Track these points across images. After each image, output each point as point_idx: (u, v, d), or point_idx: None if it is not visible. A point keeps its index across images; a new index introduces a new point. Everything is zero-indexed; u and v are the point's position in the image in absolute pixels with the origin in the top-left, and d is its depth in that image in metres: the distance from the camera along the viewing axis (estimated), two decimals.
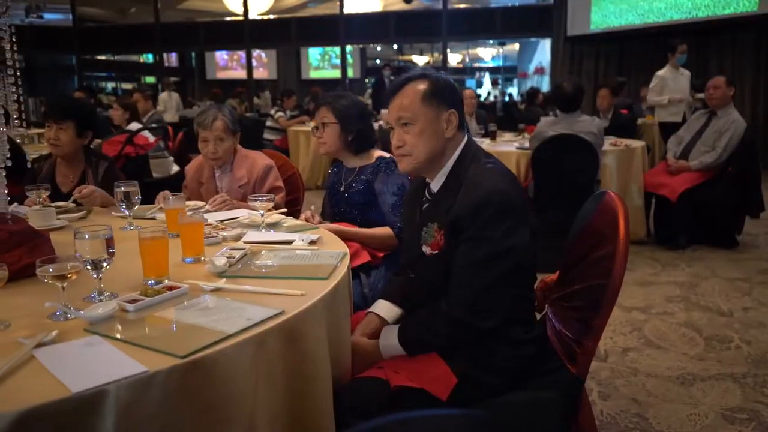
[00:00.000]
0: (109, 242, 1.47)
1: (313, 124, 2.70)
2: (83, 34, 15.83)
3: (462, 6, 15.51)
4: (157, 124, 5.62)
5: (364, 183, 2.48)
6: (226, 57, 21.34)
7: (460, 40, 19.30)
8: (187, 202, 2.67)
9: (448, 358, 1.65)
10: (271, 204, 2.19)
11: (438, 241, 1.69)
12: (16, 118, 1.92)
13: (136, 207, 2.27)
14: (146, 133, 4.88)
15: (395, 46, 22.91)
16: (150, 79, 20.41)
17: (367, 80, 21.54)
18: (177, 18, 16.81)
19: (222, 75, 21.21)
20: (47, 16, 17.06)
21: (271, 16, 15.37)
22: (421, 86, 1.73)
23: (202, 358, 1.17)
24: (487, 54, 25.45)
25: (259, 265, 1.75)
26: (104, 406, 1.04)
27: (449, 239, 1.67)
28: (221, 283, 1.57)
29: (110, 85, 22.30)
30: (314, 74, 21.03)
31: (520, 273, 1.70)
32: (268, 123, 8.78)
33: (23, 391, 1.04)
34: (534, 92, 9.54)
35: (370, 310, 1.92)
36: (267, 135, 8.67)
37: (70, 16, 15.70)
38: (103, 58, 19.28)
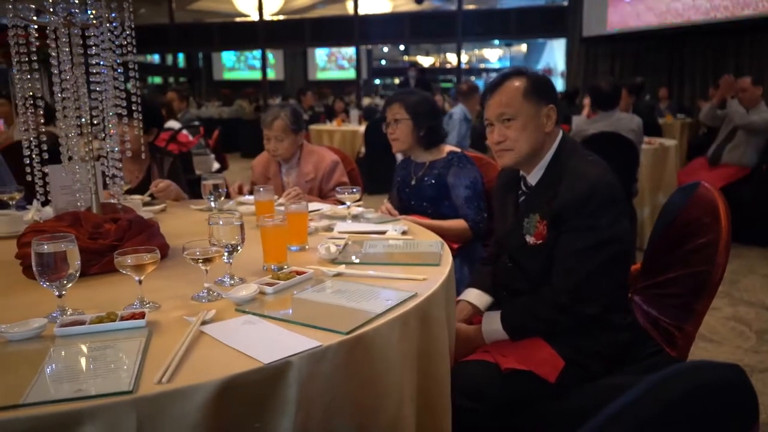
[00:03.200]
0: (242, 229, 1.54)
1: (331, 124, 2.76)
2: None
3: (477, 7, 15.57)
4: (194, 123, 5.69)
5: (436, 177, 2.54)
6: (233, 58, 21.41)
7: (475, 41, 19.36)
8: (251, 197, 2.75)
9: (553, 343, 1.71)
10: (358, 196, 2.26)
11: (541, 231, 1.75)
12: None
13: (222, 199, 2.34)
14: (185, 131, 4.94)
15: (401, 47, 22.99)
16: (156, 80, 20.44)
17: (376, 81, 21.62)
18: (186, 19, 16.87)
19: (229, 76, 21.29)
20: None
21: (281, 17, 15.44)
22: (521, 83, 1.80)
23: (362, 335, 1.23)
24: (494, 55, 25.50)
25: (369, 253, 1.82)
26: (289, 376, 1.11)
27: (551, 229, 1.73)
28: (341, 268, 1.64)
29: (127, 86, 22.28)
30: (321, 75, 21.11)
31: (620, 261, 1.76)
32: None
33: (214, 363, 1.10)
34: (574, 92, 9.50)
35: (461, 298, 1.99)
36: None
37: None
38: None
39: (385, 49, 23.61)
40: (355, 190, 2.29)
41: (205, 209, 2.50)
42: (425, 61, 23.98)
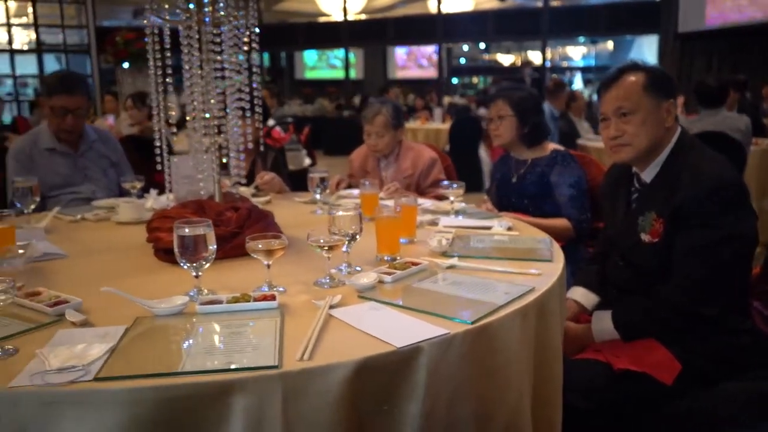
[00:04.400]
0: (360, 218, 1.59)
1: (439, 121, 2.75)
2: None
3: (563, 4, 15.20)
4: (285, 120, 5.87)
5: (539, 175, 2.52)
6: (315, 57, 21.85)
7: (560, 39, 18.88)
8: (349, 191, 2.81)
9: (668, 344, 1.67)
10: (462, 192, 2.28)
11: (657, 229, 1.71)
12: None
13: (327, 192, 2.41)
14: (278, 128, 5.11)
15: (482, 45, 22.74)
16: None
17: (454, 80, 21.49)
18: (271, 20, 17.35)
19: (311, 75, 21.74)
20: (153, 18, 18.03)
21: (364, 17, 15.62)
22: (640, 77, 1.76)
23: (487, 325, 1.25)
24: (578, 53, 24.79)
25: (477, 247, 1.83)
26: (419, 360, 1.14)
27: (669, 227, 1.69)
28: (454, 261, 1.66)
29: None
30: (401, 74, 21.20)
31: (742, 262, 1.69)
32: None
33: (348, 344, 1.15)
34: None
35: (567, 296, 1.96)
36: None
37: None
38: None
39: (465, 48, 23.41)
40: (456, 185, 2.30)
41: (309, 201, 2.59)
42: (506, 59, 23.61)
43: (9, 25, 13.13)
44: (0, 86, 13.66)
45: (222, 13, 1.76)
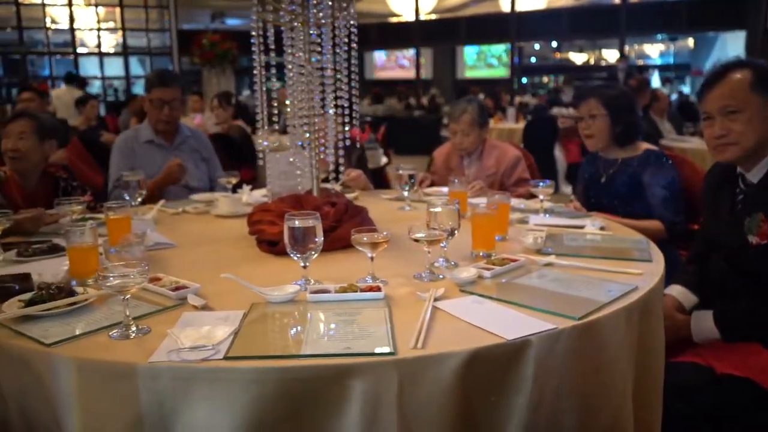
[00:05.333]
0: (459, 214, 1.61)
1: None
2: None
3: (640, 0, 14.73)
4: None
5: (630, 175, 2.47)
6: (384, 57, 21.99)
7: (639, 36, 18.25)
8: (434, 189, 2.84)
9: None
10: (551, 190, 2.26)
11: (766, 231, 1.66)
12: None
13: (414, 189, 2.45)
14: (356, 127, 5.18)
15: (554, 44, 22.27)
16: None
17: (523, 80, 21.14)
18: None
19: (380, 75, 21.89)
20: (229, 21, 18.62)
21: (434, 16, 15.60)
22: (746, 74, 1.71)
23: (594, 322, 1.25)
24: (655, 50, 23.89)
25: (573, 245, 1.82)
26: (527, 353, 1.15)
27: None
28: (551, 258, 1.66)
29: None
30: (470, 73, 21.04)
31: None
32: (446, 120, 8.95)
33: (457, 335, 1.18)
34: None
35: (665, 292, 1.92)
36: (445, 132, 8.85)
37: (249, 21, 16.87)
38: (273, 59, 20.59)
39: (536, 47, 22.98)
40: (543, 183, 2.29)
41: (395, 198, 2.63)
42: (578, 58, 23.03)
43: (99, 30, 13.88)
44: (88, 87, 14.47)
45: (322, 14, 1.82)
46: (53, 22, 13.69)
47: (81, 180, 2.81)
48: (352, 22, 1.87)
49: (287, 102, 1.91)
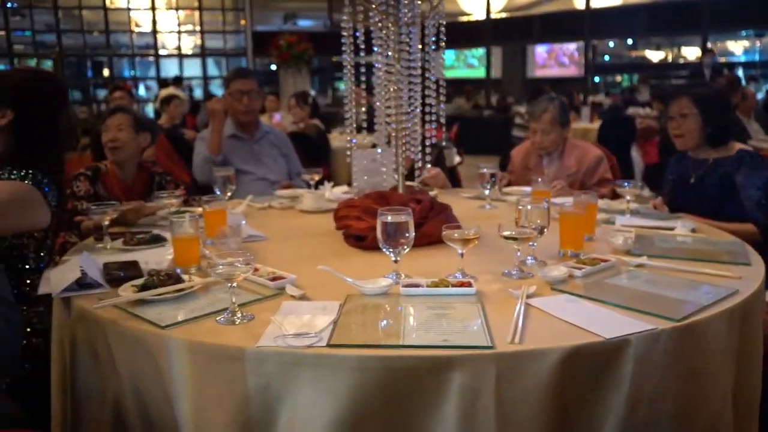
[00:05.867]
0: (548, 213, 1.61)
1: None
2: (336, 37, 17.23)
3: None
4: None
5: (722, 176, 2.38)
6: (452, 56, 21.86)
7: (723, 32, 17.43)
8: (515, 188, 2.82)
9: None
10: (638, 191, 2.22)
11: None
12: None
13: (496, 187, 2.45)
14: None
15: (629, 41, 21.54)
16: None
17: (596, 79, 20.55)
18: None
19: (449, 74, 21.76)
20: (300, 23, 18.98)
21: (504, 15, 15.39)
22: None
23: (694, 324, 1.23)
24: (739, 47, 22.73)
25: (664, 247, 1.78)
26: (626, 353, 1.15)
27: None
28: (643, 259, 1.63)
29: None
30: (540, 72, 20.64)
31: None
32: (517, 120, 8.84)
33: (554, 332, 1.19)
34: None
35: None
36: (515, 132, 8.74)
37: (320, 22, 17.10)
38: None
39: (611, 44, 22.29)
40: (628, 184, 2.25)
41: (475, 197, 2.64)
42: (655, 55, 22.19)
43: (179, 32, 14.47)
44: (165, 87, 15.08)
45: (411, 13, 1.85)
46: (136, 25, 14.38)
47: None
48: (441, 22, 1.89)
49: (361, 101, 1.95)
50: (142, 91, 15.31)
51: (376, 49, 1.91)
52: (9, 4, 13.36)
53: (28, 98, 1.86)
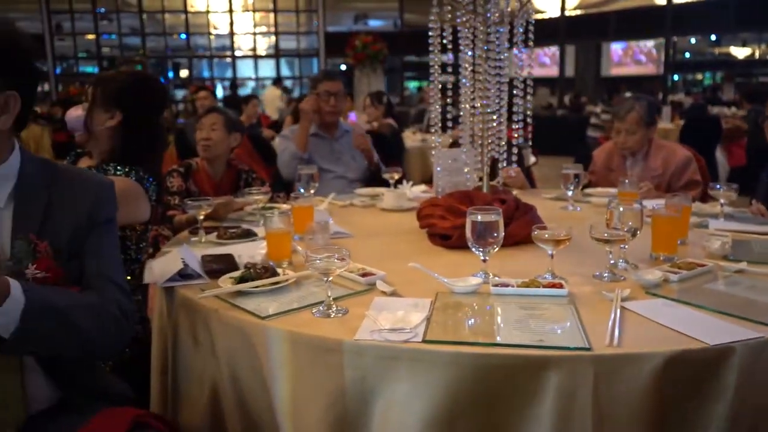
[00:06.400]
0: (641, 214, 1.57)
1: None
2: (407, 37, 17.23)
3: None
4: None
5: None
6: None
7: None
8: (599, 189, 2.76)
9: None
10: (733, 194, 2.13)
11: None
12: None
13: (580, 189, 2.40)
14: None
15: (713, 37, 20.54)
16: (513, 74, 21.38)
17: (675, 77, 19.71)
18: None
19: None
20: (371, 23, 19.13)
21: (579, 12, 15.00)
22: None
23: None
24: None
25: (765, 252, 1.71)
26: (731, 361, 1.11)
27: None
28: (743, 265, 1.57)
29: (413, 84, 24.14)
30: (615, 70, 19.99)
31: None
32: (593, 120, 8.61)
33: (652, 337, 1.16)
34: None
35: None
36: (590, 132, 8.51)
37: (391, 22, 17.15)
38: (414, 59, 20.76)
39: (693, 41, 21.34)
40: (724, 187, 2.16)
41: (556, 198, 2.60)
42: (741, 52, 21.09)
43: (254, 34, 14.91)
44: (242, 87, 15.56)
45: (498, 12, 1.84)
46: (214, 28, 14.91)
47: None
48: (529, 20, 1.88)
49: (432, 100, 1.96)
50: (219, 91, 15.89)
51: (463, 48, 1.92)
52: (99, 10, 14.13)
53: (134, 100, 1.97)
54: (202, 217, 1.97)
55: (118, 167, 1.93)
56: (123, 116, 1.97)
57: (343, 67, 13.54)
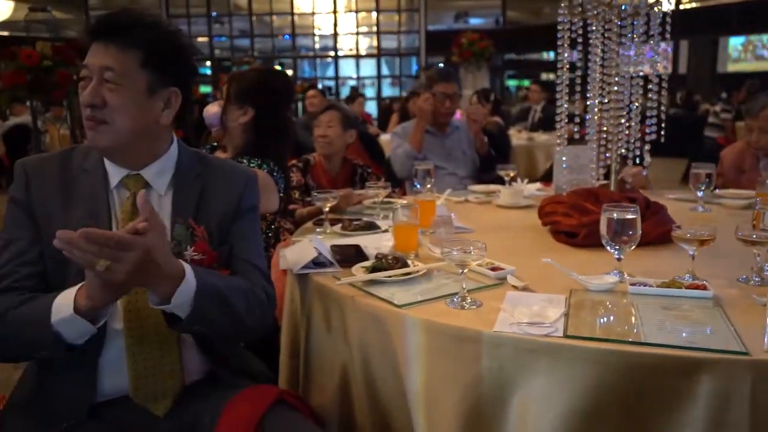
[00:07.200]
0: None
1: None
2: (508, 34, 16.95)
3: None
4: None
5: None
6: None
7: None
8: (732, 191, 2.60)
9: None
10: None
11: None
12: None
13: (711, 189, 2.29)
14: None
15: None
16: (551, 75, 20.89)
17: None
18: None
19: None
20: (471, 20, 18.95)
21: (696, 5, 14.14)
22: None
23: None
24: None
25: None
26: None
27: None
28: None
29: (512, 82, 23.65)
30: (733, 67, 18.69)
31: None
32: (711, 119, 8.11)
33: None
34: None
35: None
36: (708, 132, 8.02)
37: (491, 20, 16.92)
38: (514, 57, 20.35)
39: None
40: None
41: (684, 199, 2.48)
42: None
43: (357, 34, 15.21)
44: (342, 86, 15.92)
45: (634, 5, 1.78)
46: (318, 29, 15.35)
47: None
48: (668, 12, 1.81)
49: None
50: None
51: (593, 43, 1.87)
52: (213, 14, 14.93)
53: (265, 96, 2.07)
54: (327, 209, 2.04)
55: (252, 160, 2.04)
56: (255, 112, 2.08)
57: (441, 66, 13.57)
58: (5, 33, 14.39)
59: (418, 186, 2.49)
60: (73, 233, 0.98)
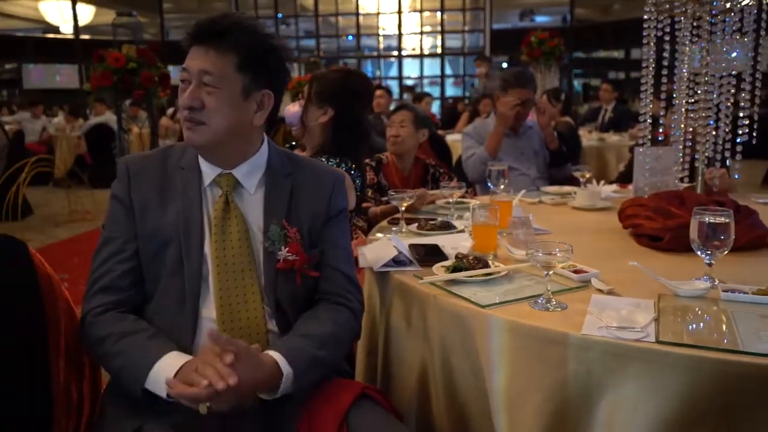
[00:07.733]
0: None
1: None
2: (576, 32, 16.55)
3: None
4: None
5: None
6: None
7: None
8: None
9: None
10: None
11: None
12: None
13: None
14: None
15: None
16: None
17: None
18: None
19: None
20: (537, 18, 18.60)
21: None
22: None
23: None
24: None
25: None
26: None
27: None
28: None
29: (576, 82, 23.00)
30: None
31: None
32: None
33: None
34: None
35: None
36: None
37: (558, 18, 16.57)
38: (581, 55, 19.81)
39: None
40: None
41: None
42: None
43: (421, 33, 15.21)
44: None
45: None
46: (382, 29, 15.44)
47: None
48: (762, 7, 1.73)
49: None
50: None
51: (681, 41, 1.82)
52: (279, 15, 15.25)
53: (345, 97, 2.11)
54: (403, 209, 2.06)
55: (331, 159, 2.08)
56: (334, 112, 2.12)
57: (504, 65, 13.36)
58: (87, 36, 15.16)
59: (492, 187, 2.48)
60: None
